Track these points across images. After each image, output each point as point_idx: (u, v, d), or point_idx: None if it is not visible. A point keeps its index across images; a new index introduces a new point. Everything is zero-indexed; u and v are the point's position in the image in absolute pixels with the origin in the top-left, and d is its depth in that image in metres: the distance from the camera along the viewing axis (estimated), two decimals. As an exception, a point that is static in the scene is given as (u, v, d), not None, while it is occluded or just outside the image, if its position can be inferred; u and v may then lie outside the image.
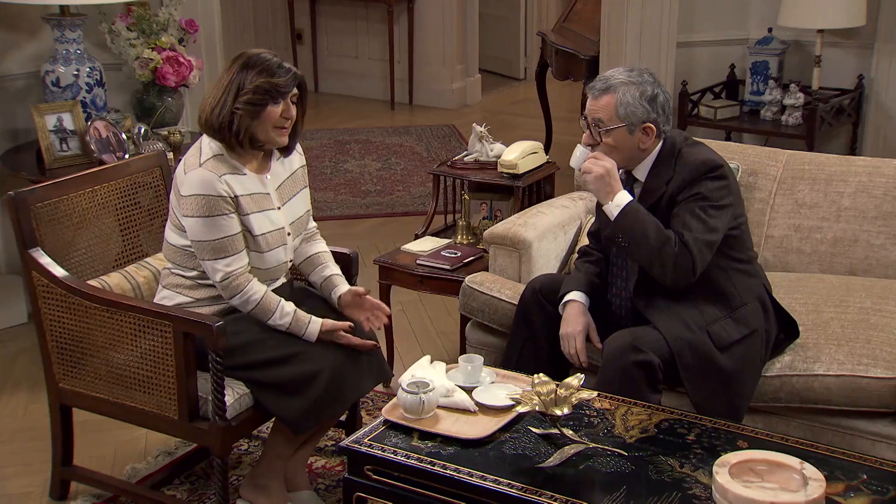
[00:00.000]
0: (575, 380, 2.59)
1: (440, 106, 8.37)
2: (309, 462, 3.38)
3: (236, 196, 2.92)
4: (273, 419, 3.09)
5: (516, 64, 9.49)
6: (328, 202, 6.13)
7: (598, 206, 3.27)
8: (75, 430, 3.28)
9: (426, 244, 4.02)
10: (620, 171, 3.07)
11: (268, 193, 3.02)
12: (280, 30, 8.99)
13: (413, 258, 3.90)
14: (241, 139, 2.92)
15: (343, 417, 3.40)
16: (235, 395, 2.93)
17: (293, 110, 2.96)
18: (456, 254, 3.88)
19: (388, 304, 4.03)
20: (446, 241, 4.06)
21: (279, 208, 3.05)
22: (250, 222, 2.95)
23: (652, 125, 3.00)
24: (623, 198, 2.98)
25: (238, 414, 2.94)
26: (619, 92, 2.98)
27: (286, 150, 3.07)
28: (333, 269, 3.20)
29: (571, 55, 6.01)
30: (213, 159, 2.93)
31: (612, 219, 2.98)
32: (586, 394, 2.57)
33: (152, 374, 2.95)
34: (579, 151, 3.07)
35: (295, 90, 2.95)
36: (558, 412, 2.49)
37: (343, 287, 3.15)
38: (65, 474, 3.26)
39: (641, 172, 3.08)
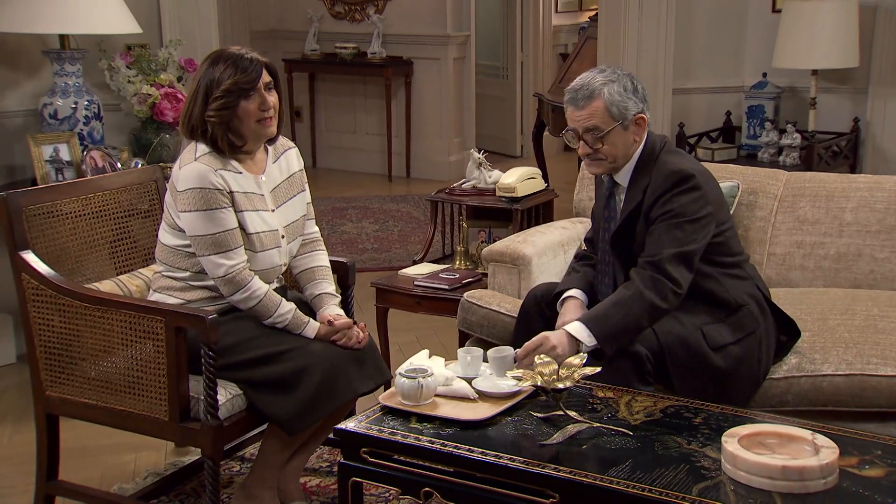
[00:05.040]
0: (577, 359, 2.53)
1: (437, 178, 8.36)
2: (303, 481, 3.27)
3: (231, 191, 2.88)
4: (265, 429, 3.01)
5: (513, 143, 9.56)
6: (325, 258, 6.08)
7: (593, 214, 3.26)
8: (62, 454, 3.18)
9: (424, 269, 3.97)
10: (605, 175, 3.05)
11: (262, 194, 2.98)
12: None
13: (411, 280, 3.85)
14: (220, 144, 2.89)
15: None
16: (228, 395, 2.85)
17: (269, 99, 2.91)
18: (454, 275, 3.83)
19: (386, 335, 3.98)
20: (444, 266, 4.01)
21: (273, 211, 3.01)
22: (244, 219, 2.91)
23: (643, 115, 2.98)
24: (586, 337, 2.79)
25: (231, 415, 2.85)
26: (604, 94, 2.94)
27: (271, 140, 3.02)
28: (327, 287, 3.13)
29: (568, 111, 6.03)
30: (209, 155, 2.90)
31: (603, 349, 2.83)
32: (589, 370, 2.49)
33: (143, 375, 2.87)
34: (498, 362, 2.73)
35: (268, 77, 2.91)
36: (560, 385, 2.41)
37: (330, 310, 3.06)
38: (49, 489, 3.14)
39: (623, 177, 3.04)
